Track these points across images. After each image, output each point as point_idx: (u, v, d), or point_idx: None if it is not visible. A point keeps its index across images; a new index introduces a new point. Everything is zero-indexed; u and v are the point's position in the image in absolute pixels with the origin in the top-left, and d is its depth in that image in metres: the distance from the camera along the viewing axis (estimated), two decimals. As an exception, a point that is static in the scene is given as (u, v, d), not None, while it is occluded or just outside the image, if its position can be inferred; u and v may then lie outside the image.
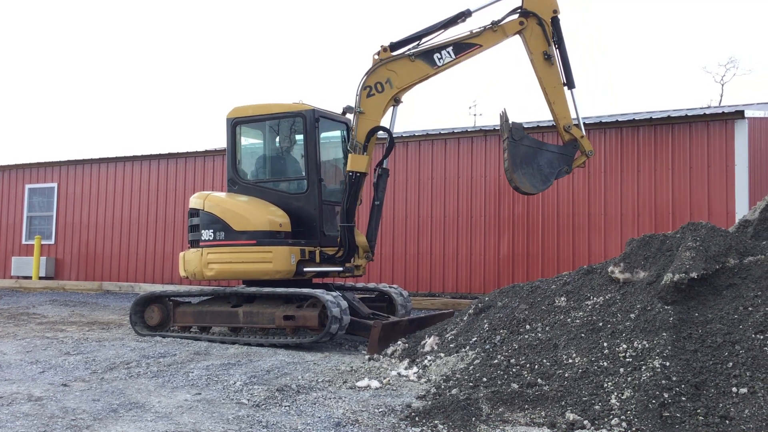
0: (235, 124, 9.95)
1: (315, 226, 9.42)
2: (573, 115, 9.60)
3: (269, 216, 9.23)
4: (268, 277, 9.12)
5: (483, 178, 13.62)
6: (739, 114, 11.67)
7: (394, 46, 9.42)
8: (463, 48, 9.41)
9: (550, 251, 12.88)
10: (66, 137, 68.81)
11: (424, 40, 9.48)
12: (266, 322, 8.83)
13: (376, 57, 9.40)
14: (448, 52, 9.36)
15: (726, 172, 11.64)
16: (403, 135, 14.89)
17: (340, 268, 9.38)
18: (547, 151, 9.39)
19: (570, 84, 9.48)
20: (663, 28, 62.99)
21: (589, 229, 12.58)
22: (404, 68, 9.37)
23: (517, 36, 9.55)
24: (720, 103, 34.65)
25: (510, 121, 9.29)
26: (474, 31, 9.43)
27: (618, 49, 65.13)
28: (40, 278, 18.00)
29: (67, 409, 5.51)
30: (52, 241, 18.59)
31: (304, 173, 9.63)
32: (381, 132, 9.57)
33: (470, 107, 52.19)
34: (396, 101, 9.53)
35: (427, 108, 60.56)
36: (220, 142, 20.83)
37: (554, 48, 9.42)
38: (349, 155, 9.35)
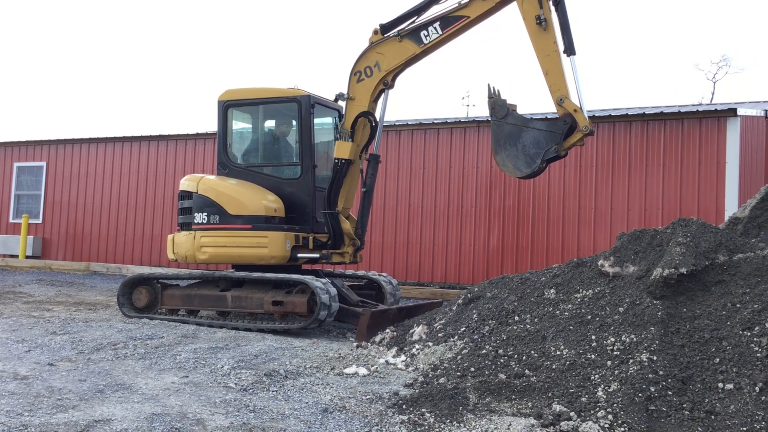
0: (227, 107, 9.87)
1: (308, 212, 9.39)
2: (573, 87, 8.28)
3: (264, 201, 9.19)
4: (263, 262, 9.08)
5: (475, 169, 13.61)
6: (732, 112, 11.71)
7: (385, 28, 9.11)
8: (450, 22, 8.70)
9: (540, 243, 12.91)
10: (56, 116, 68.33)
11: (415, 18, 8.96)
12: (255, 307, 8.82)
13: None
14: (435, 28, 8.75)
15: (717, 170, 11.69)
16: (396, 124, 14.85)
17: (317, 255, 9.27)
18: (533, 129, 8.27)
19: (570, 50, 8.19)
20: (656, 26, 63.09)
21: (579, 222, 12.62)
22: (392, 49, 9.03)
23: (514, 5, 8.46)
24: (711, 101, 34.78)
25: (493, 97, 8.52)
26: (462, 2, 8.67)
27: (611, 45, 65.20)
28: (27, 257, 17.89)
29: (53, 389, 5.49)
30: (40, 221, 18.46)
31: (297, 159, 9.58)
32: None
33: (463, 98, 51.99)
34: (386, 85, 9.19)
35: (420, 98, 60.54)
36: (211, 125, 20.72)
37: (552, 11, 8.23)
38: (336, 142, 9.31)
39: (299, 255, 9.14)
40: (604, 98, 60.26)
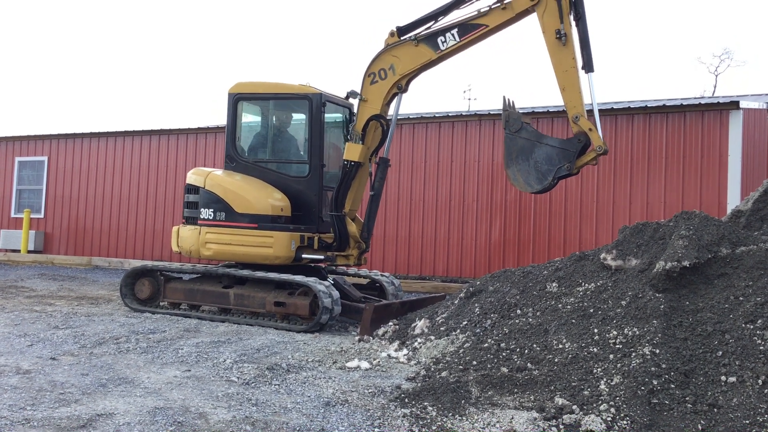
0: (237, 99, 9.77)
1: (314, 211, 9.32)
2: (588, 104, 8.21)
3: (271, 200, 9.15)
4: (267, 262, 9.05)
5: (476, 163, 13.59)
6: (734, 105, 11.67)
7: (401, 31, 8.98)
8: (468, 30, 8.56)
9: (542, 237, 12.90)
10: (57, 110, 68.33)
11: (432, 22, 8.83)
12: (257, 306, 8.80)
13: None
14: (453, 35, 8.61)
15: (719, 163, 11.66)
16: (398, 117, 14.81)
17: (321, 257, 9.22)
18: (546, 145, 8.17)
19: (588, 67, 8.11)
20: (658, 19, 62.93)
21: (581, 215, 12.59)
22: (407, 53, 8.90)
23: (533, 16, 8.33)
24: (713, 94, 34.70)
25: (508, 110, 8.42)
26: (482, 11, 8.51)
27: (614, 38, 65.06)
28: (29, 252, 17.90)
29: (55, 383, 5.50)
30: (42, 215, 18.47)
31: (306, 157, 9.51)
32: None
33: (465, 91, 51.83)
34: (399, 89, 9.07)
35: (421, 91, 60.47)
36: (214, 119, 20.69)
37: (572, 26, 8.12)
38: (346, 144, 9.25)
39: (304, 256, 9.09)
40: (606, 91, 60.17)
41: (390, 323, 8.06)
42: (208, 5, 76.22)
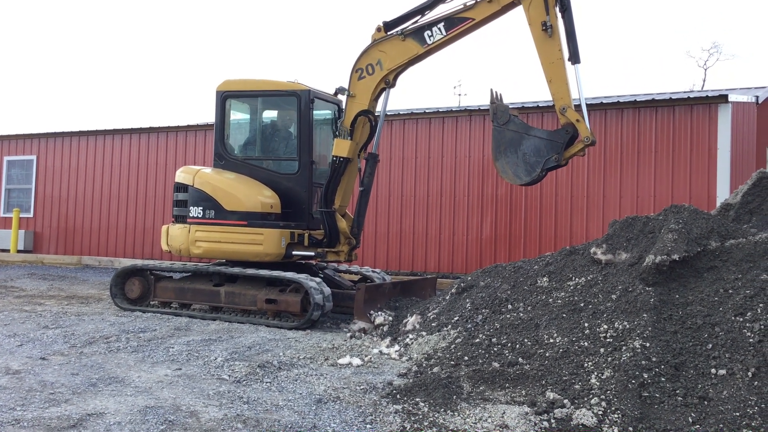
0: (225, 97, 9.74)
1: (304, 208, 9.31)
2: (575, 96, 8.23)
3: (260, 197, 9.13)
4: (257, 259, 9.03)
5: (467, 158, 13.60)
6: (723, 98, 11.71)
7: (388, 26, 8.97)
8: (454, 23, 8.55)
9: (533, 232, 12.92)
10: (46, 109, 67.94)
11: (419, 17, 8.83)
12: (248, 304, 8.79)
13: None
14: (439, 29, 8.64)
15: (708, 156, 11.70)
16: (388, 113, 14.77)
17: (312, 253, 9.21)
18: (534, 137, 8.16)
19: (574, 58, 8.11)
20: (648, 13, 63.10)
21: (572, 210, 12.62)
22: (394, 48, 8.89)
23: (519, 9, 8.35)
24: (702, 88, 34.84)
25: (496, 103, 8.40)
26: (468, 4, 8.52)
27: (603, 33, 65.21)
28: (18, 251, 17.80)
29: (45, 383, 5.47)
30: (31, 215, 18.36)
31: (295, 154, 9.48)
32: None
33: (455, 87, 51.79)
34: (387, 84, 9.04)
35: (411, 87, 60.45)
36: (204, 116, 20.59)
37: (558, 18, 8.12)
38: (335, 140, 9.23)
39: (294, 252, 9.08)
40: (596, 86, 60.32)
41: (382, 314, 8.06)
42: (198, 2, 75.94)
